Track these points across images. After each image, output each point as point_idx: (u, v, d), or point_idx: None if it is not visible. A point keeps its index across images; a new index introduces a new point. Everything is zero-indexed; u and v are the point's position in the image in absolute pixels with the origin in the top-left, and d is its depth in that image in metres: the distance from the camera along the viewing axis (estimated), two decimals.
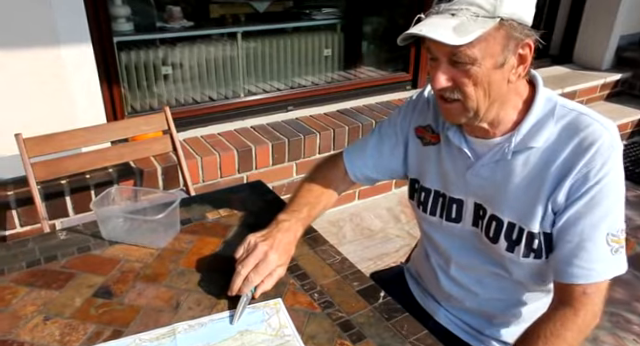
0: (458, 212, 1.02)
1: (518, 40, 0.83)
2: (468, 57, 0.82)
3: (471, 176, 0.98)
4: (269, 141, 2.32)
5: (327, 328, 0.89)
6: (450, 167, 1.02)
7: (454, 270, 1.07)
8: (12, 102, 1.76)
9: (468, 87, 0.86)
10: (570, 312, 0.86)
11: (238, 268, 0.95)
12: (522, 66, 0.86)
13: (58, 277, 1.02)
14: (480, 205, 0.98)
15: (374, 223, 2.50)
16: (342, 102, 2.87)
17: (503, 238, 0.94)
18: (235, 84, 2.82)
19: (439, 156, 1.04)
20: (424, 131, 1.07)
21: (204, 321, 0.91)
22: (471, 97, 0.87)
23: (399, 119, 1.13)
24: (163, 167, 2.03)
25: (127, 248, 1.12)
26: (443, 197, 1.04)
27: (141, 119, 1.80)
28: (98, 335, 0.87)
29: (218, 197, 1.35)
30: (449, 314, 1.10)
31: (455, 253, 1.05)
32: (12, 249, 1.11)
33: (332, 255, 1.10)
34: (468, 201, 1.00)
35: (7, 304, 0.94)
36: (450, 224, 1.04)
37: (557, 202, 0.87)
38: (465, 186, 0.99)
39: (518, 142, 0.90)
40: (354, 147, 1.19)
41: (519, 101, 0.91)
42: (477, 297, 1.04)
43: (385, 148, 1.14)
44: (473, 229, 1.00)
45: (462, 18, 0.80)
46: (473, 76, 0.84)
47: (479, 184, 0.97)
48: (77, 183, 1.88)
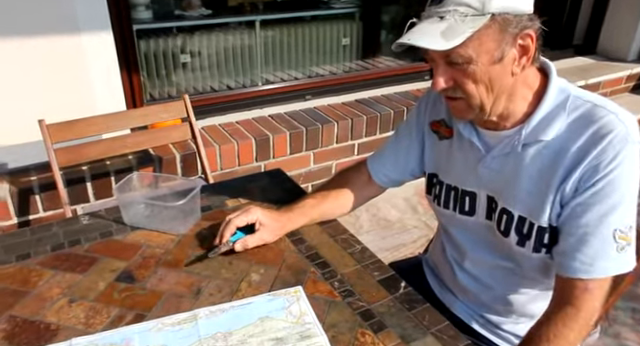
0: (471, 205, 1.01)
1: (515, 32, 0.81)
2: (462, 57, 0.82)
3: (482, 169, 0.96)
4: (287, 130, 2.31)
5: (348, 317, 0.89)
6: (462, 160, 1.01)
7: (469, 264, 1.06)
8: (34, 89, 1.78)
9: (468, 85, 0.85)
10: (572, 311, 0.84)
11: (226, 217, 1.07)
12: (525, 57, 0.84)
13: (82, 261, 1.03)
14: (492, 198, 0.97)
15: (391, 213, 2.49)
16: (360, 92, 2.85)
17: (514, 232, 0.92)
18: (253, 73, 2.81)
19: (452, 149, 1.03)
20: (439, 125, 1.06)
21: (225, 307, 0.92)
22: (473, 95, 0.86)
23: (414, 117, 1.13)
24: (182, 155, 2.04)
25: (148, 234, 1.13)
26: (455, 190, 1.03)
27: (160, 107, 1.81)
28: (121, 319, 0.88)
29: (238, 185, 1.35)
30: (466, 307, 1.10)
31: (469, 247, 1.04)
32: (37, 233, 1.12)
33: (352, 244, 1.09)
34: (481, 194, 0.99)
35: (34, 286, 0.95)
36: (463, 217, 1.03)
37: (565, 193, 0.85)
38: (477, 179, 0.98)
39: (528, 135, 0.89)
40: (376, 152, 1.22)
41: (529, 92, 0.89)
42: (492, 292, 1.03)
43: (402, 148, 1.15)
44: (487, 222, 0.99)
45: (450, 20, 0.80)
46: (471, 74, 0.84)
47: (490, 177, 0.96)
48: (97, 169, 1.90)
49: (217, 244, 1.04)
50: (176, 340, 0.84)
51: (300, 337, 0.85)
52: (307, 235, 1.12)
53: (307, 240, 1.10)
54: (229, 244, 1.03)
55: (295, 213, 1.11)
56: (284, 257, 1.04)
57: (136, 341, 0.84)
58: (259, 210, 1.07)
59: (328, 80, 2.85)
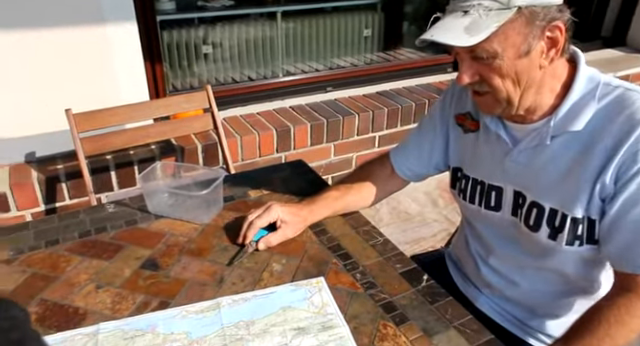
0: (497, 200, 0.99)
1: (543, 25, 0.79)
2: (487, 52, 0.80)
3: (509, 163, 0.95)
4: (308, 121, 2.31)
5: (370, 309, 0.89)
6: (488, 154, 0.99)
7: (494, 260, 1.04)
8: (60, 80, 1.81)
9: (494, 80, 0.84)
10: (636, 298, 0.82)
11: (247, 216, 1.06)
12: (554, 49, 0.82)
13: (108, 248, 1.05)
14: (520, 192, 0.95)
15: (411, 207, 2.48)
16: (381, 84, 2.83)
17: (545, 225, 0.91)
18: (274, 64, 2.81)
19: (478, 143, 1.02)
20: (464, 118, 1.05)
21: (248, 297, 0.92)
22: (500, 89, 0.85)
23: (438, 110, 1.12)
24: (203, 145, 2.06)
25: (172, 223, 1.14)
26: (482, 185, 1.02)
27: (182, 97, 1.82)
28: (146, 305, 0.90)
29: (260, 175, 1.36)
30: (491, 302, 1.08)
31: (495, 243, 1.03)
32: (65, 220, 1.15)
33: (374, 236, 1.09)
34: (507, 188, 0.97)
35: (62, 271, 0.98)
36: (489, 212, 1.01)
37: (605, 186, 0.83)
38: (503, 173, 0.97)
39: (556, 126, 0.87)
40: (398, 145, 1.21)
41: (557, 84, 0.87)
42: (518, 288, 1.02)
43: (425, 142, 1.14)
44: (512, 219, 0.98)
45: (474, 15, 0.79)
46: (497, 69, 0.82)
47: (518, 171, 0.94)
48: (121, 159, 1.92)
49: (240, 243, 1.05)
50: (199, 327, 0.85)
51: (322, 327, 0.85)
52: (329, 226, 1.12)
53: (329, 231, 1.10)
54: (252, 245, 1.04)
55: (317, 205, 1.11)
56: (306, 248, 1.05)
57: (161, 327, 0.86)
58: (279, 207, 1.06)
59: (349, 72, 2.83)
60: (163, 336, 0.84)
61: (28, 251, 1.03)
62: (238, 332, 0.84)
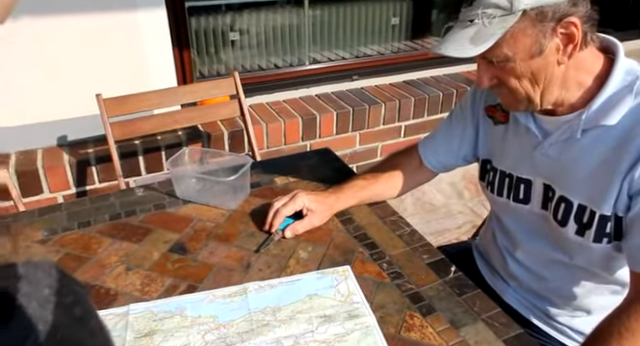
0: (526, 193, 0.97)
1: (553, 23, 0.77)
2: (498, 57, 0.81)
3: (539, 155, 0.93)
4: (333, 110, 2.30)
5: (396, 299, 0.88)
6: (518, 146, 0.97)
7: (521, 254, 1.03)
8: (92, 65, 1.84)
9: (511, 82, 0.84)
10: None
11: (273, 204, 1.07)
12: (571, 45, 0.80)
13: (137, 231, 1.07)
14: (549, 186, 0.93)
15: (436, 198, 2.45)
16: (408, 73, 2.79)
17: (573, 221, 0.88)
18: (301, 52, 2.79)
19: (507, 135, 1.00)
20: (494, 110, 1.04)
21: (274, 283, 0.93)
22: (517, 90, 0.85)
23: (469, 101, 1.10)
24: (229, 131, 2.07)
25: (199, 208, 1.15)
26: (510, 177, 1.00)
27: (210, 83, 1.83)
28: (175, 288, 0.91)
29: (286, 163, 1.36)
30: (518, 296, 1.07)
31: (522, 237, 1.01)
32: (96, 202, 1.17)
33: (401, 226, 1.08)
34: (536, 181, 0.95)
35: (94, 253, 1.00)
36: (518, 205, 0.99)
37: (633, 182, 0.80)
38: (533, 166, 0.95)
39: (588, 120, 0.84)
40: (427, 136, 1.20)
41: (587, 77, 0.84)
42: (546, 282, 1.00)
43: (455, 133, 1.13)
44: (542, 212, 0.95)
45: (478, 24, 0.79)
46: (511, 71, 0.83)
47: (547, 164, 0.92)
48: (149, 144, 1.95)
49: (267, 230, 1.06)
50: (227, 312, 0.86)
51: (348, 316, 0.85)
52: (356, 215, 1.11)
53: (356, 220, 1.10)
54: (279, 232, 1.04)
55: (344, 194, 1.11)
56: (332, 236, 1.05)
57: (189, 310, 0.87)
58: (305, 196, 1.07)
59: (376, 60, 2.80)
60: (191, 319, 0.85)
61: (61, 232, 1.06)
62: (265, 318, 0.85)
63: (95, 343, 0.27)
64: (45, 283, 0.26)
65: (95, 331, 0.27)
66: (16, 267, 0.26)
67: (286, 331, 0.82)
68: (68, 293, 0.26)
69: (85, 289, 0.28)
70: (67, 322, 0.25)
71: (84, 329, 0.27)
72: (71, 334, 0.25)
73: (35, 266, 0.26)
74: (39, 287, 0.25)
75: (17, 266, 0.26)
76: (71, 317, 0.26)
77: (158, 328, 0.83)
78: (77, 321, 0.26)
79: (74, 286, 0.27)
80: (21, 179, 1.73)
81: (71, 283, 0.27)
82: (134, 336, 0.81)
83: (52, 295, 0.25)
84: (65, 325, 0.25)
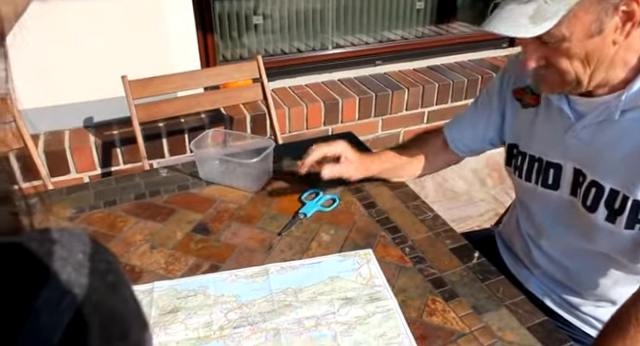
0: (555, 178, 0.95)
1: (617, 0, 0.73)
2: (555, 37, 0.76)
3: (570, 139, 0.90)
4: (356, 95, 2.28)
5: (418, 283, 0.88)
6: (548, 130, 0.95)
7: (546, 243, 1.01)
8: (117, 47, 1.85)
9: (562, 63, 0.79)
10: None
11: None
12: (629, 23, 0.75)
13: (161, 211, 1.08)
14: (579, 170, 0.90)
15: (458, 185, 2.42)
16: (432, 58, 2.74)
17: (603, 206, 0.86)
18: (324, 36, 2.77)
19: (537, 118, 0.97)
20: (523, 93, 1.00)
21: (295, 265, 0.93)
22: (568, 71, 0.80)
23: (496, 85, 1.08)
24: (252, 115, 2.07)
25: (222, 189, 1.16)
26: (539, 162, 0.97)
27: (233, 67, 1.83)
28: (198, 267, 0.93)
29: (309, 146, 1.35)
30: (542, 284, 1.05)
31: (548, 225, 0.99)
32: (121, 182, 1.19)
33: (424, 211, 1.07)
34: (567, 166, 0.93)
35: (119, 231, 1.02)
36: (546, 191, 0.97)
37: None
38: (564, 150, 0.92)
39: (628, 101, 0.81)
40: (453, 119, 1.18)
41: (632, 56, 0.80)
42: (570, 272, 0.98)
43: (481, 117, 1.10)
44: (570, 198, 0.93)
45: (539, 1, 0.74)
46: (565, 52, 0.78)
47: (579, 147, 0.89)
48: (172, 127, 1.96)
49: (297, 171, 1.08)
50: (249, 292, 0.87)
51: (370, 299, 0.85)
52: (378, 199, 1.11)
53: (378, 204, 1.09)
54: (300, 215, 1.05)
55: (379, 158, 1.14)
56: (354, 220, 1.04)
57: (211, 289, 0.88)
58: (345, 144, 1.08)
59: (400, 45, 2.75)
60: (214, 298, 0.86)
61: (88, 210, 1.08)
62: (286, 298, 0.86)
63: (128, 310, 0.27)
64: (79, 248, 0.26)
65: (127, 298, 0.28)
66: (50, 232, 0.26)
67: (307, 312, 0.82)
68: (101, 260, 0.26)
69: (117, 258, 0.28)
70: (101, 288, 0.25)
71: (117, 296, 0.27)
72: (105, 299, 0.25)
73: (69, 232, 0.27)
74: (73, 252, 0.25)
75: (51, 231, 0.26)
76: (105, 283, 0.26)
77: (182, 306, 0.84)
78: (110, 287, 0.26)
79: (106, 254, 0.28)
80: (49, 159, 1.77)
81: (103, 251, 0.27)
82: (159, 313, 0.83)
83: (86, 260, 0.25)
84: (99, 290, 0.25)
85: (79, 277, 0.24)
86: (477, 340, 0.77)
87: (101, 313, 0.25)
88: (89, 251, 0.26)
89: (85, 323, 0.24)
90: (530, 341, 0.76)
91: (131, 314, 0.27)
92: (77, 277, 0.24)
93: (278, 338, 0.78)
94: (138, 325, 0.28)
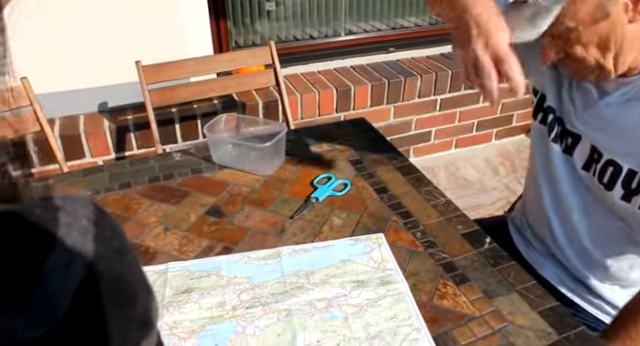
0: (572, 146, 0.94)
1: None
2: (560, 30, 0.76)
3: (591, 115, 0.88)
4: (368, 82, 2.27)
5: (429, 267, 0.88)
6: (572, 99, 0.93)
7: (563, 223, 0.99)
8: (130, 32, 1.86)
9: (577, 51, 0.80)
10: None
11: None
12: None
13: (175, 194, 1.09)
14: (595, 148, 0.89)
15: (470, 173, 2.41)
16: (446, 45, 2.71)
17: (620, 186, 0.85)
18: (336, 23, 2.75)
19: (565, 82, 0.94)
20: None
21: (308, 248, 0.94)
22: (585, 58, 0.80)
23: None
24: (264, 101, 2.07)
25: (235, 173, 1.17)
26: (562, 126, 0.95)
27: (246, 52, 1.83)
28: (211, 249, 0.94)
29: (321, 132, 1.35)
30: (556, 269, 1.05)
31: (567, 193, 0.96)
32: (136, 165, 1.20)
33: (436, 197, 1.07)
34: (584, 139, 0.91)
35: (134, 213, 1.03)
36: (565, 156, 0.95)
37: None
38: (583, 125, 0.90)
39: None
40: None
41: None
42: (585, 257, 0.97)
43: None
44: (583, 173, 0.92)
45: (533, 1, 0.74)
46: (576, 40, 0.78)
47: (599, 125, 0.88)
48: (185, 112, 1.98)
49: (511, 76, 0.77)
50: (261, 274, 0.88)
51: (381, 282, 0.85)
52: (390, 185, 1.11)
53: (390, 189, 1.09)
54: (312, 199, 1.05)
55: None
56: (366, 204, 1.05)
57: (224, 271, 0.89)
58: None
59: (413, 32, 2.73)
60: (227, 279, 0.87)
61: (104, 192, 1.10)
62: (298, 280, 0.87)
63: (133, 276, 0.27)
64: (83, 214, 0.26)
65: (132, 264, 0.28)
66: (53, 199, 0.26)
67: (319, 294, 0.83)
68: (105, 226, 0.26)
69: (121, 226, 0.28)
70: (107, 253, 0.25)
71: (123, 262, 0.27)
72: (112, 265, 0.25)
73: (73, 199, 0.26)
74: (77, 218, 0.25)
75: (54, 198, 0.26)
76: (110, 249, 0.26)
77: (195, 286, 0.86)
78: (116, 253, 0.26)
79: (110, 220, 0.27)
80: (65, 143, 1.79)
81: (107, 217, 0.27)
82: (173, 293, 0.84)
83: (91, 226, 0.25)
84: (105, 256, 0.25)
85: (85, 242, 0.24)
86: (487, 324, 0.77)
87: (108, 279, 0.25)
88: (93, 217, 0.26)
89: (94, 289, 0.24)
90: (541, 325, 0.76)
91: (137, 280, 0.27)
92: (83, 242, 0.24)
93: (290, 319, 0.79)
94: (144, 291, 0.28)
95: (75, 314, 0.23)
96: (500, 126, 2.63)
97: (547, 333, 0.75)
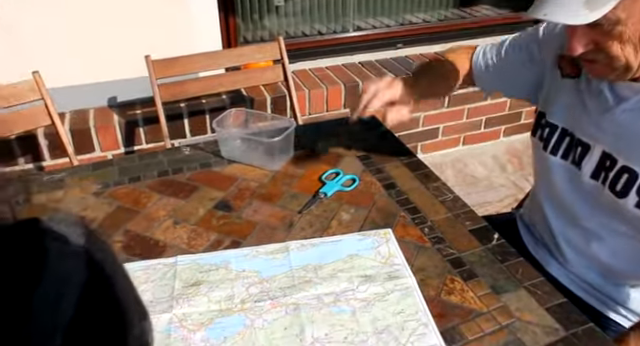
0: (581, 157, 0.92)
1: None
2: (609, 20, 0.71)
3: (607, 122, 0.87)
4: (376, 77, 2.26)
5: (437, 263, 0.89)
6: (585, 106, 0.91)
7: (567, 224, 0.99)
8: (139, 26, 1.87)
9: (613, 47, 0.75)
10: None
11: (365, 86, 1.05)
12: None
13: (184, 188, 1.10)
14: (609, 155, 0.88)
15: (478, 170, 2.41)
16: (455, 41, 2.70)
17: (635, 193, 0.84)
18: (345, 19, 2.74)
19: (576, 92, 0.93)
20: (566, 61, 0.95)
21: (315, 242, 0.95)
22: (618, 57, 0.75)
23: (540, 36, 1.02)
24: (272, 97, 2.08)
25: (243, 168, 1.17)
26: (571, 137, 0.94)
27: (255, 47, 1.83)
28: (219, 243, 0.94)
29: (330, 127, 1.36)
30: (563, 268, 1.04)
31: (570, 201, 0.96)
32: (145, 159, 1.21)
33: (444, 192, 1.07)
34: (596, 147, 0.90)
35: (144, 206, 1.04)
36: (571, 167, 0.94)
37: None
38: (597, 131, 0.89)
39: None
40: (482, 48, 1.15)
41: None
42: (594, 255, 0.97)
43: (513, 55, 1.06)
44: (591, 181, 0.91)
45: None
46: (618, 36, 0.73)
47: (615, 132, 0.86)
48: (194, 107, 1.99)
49: (354, 119, 1.07)
50: (269, 268, 0.89)
51: (388, 277, 0.86)
52: (398, 180, 1.11)
53: (398, 185, 1.09)
54: (320, 194, 1.06)
55: (419, 84, 1.09)
56: (374, 200, 1.05)
57: (233, 264, 0.90)
58: (395, 81, 1.03)
59: (421, 28, 2.72)
60: (235, 272, 0.88)
61: (113, 186, 1.11)
62: (306, 275, 0.87)
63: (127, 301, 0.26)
64: (73, 239, 0.25)
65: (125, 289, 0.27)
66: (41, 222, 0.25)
67: (327, 288, 0.84)
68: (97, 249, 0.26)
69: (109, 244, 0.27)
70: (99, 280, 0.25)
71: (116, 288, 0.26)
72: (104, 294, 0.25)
73: (61, 221, 0.26)
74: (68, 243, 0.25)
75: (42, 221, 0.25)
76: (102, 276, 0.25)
77: (204, 279, 0.86)
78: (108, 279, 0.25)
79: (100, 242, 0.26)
80: (75, 137, 1.81)
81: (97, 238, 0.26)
82: (182, 285, 0.85)
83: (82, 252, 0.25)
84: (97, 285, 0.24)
85: (77, 271, 0.23)
86: (495, 319, 0.77)
87: (101, 309, 0.24)
88: (83, 241, 0.25)
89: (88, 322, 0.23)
90: (548, 322, 0.76)
91: (130, 306, 0.27)
92: (76, 270, 0.23)
93: (298, 312, 0.80)
94: (138, 315, 0.27)
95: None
96: (508, 123, 2.61)
97: (554, 329, 0.75)
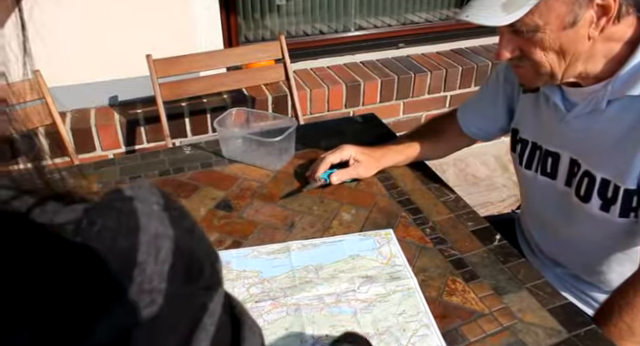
0: (553, 166, 0.94)
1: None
2: (528, 26, 0.75)
3: (565, 128, 0.89)
4: (378, 77, 2.26)
5: (439, 263, 0.88)
6: (546, 117, 0.94)
7: (549, 232, 1.01)
8: (140, 25, 1.87)
9: (536, 54, 0.78)
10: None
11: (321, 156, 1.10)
12: (604, 18, 0.74)
13: (185, 187, 1.10)
14: (575, 161, 0.89)
15: (479, 170, 2.40)
16: (457, 41, 2.70)
17: (596, 196, 0.85)
18: (346, 18, 2.74)
19: (537, 105, 0.96)
20: None
21: (317, 242, 0.94)
22: (542, 63, 0.79)
23: (503, 68, 1.06)
24: (274, 96, 2.07)
25: (245, 167, 1.17)
26: (540, 149, 0.97)
27: (257, 47, 1.83)
28: (221, 243, 0.94)
29: (331, 127, 1.35)
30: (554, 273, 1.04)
31: (547, 215, 0.99)
32: (146, 158, 1.21)
33: (446, 193, 1.07)
34: (564, 155, 0.92)
35: None
36: (545, 179, 0.96)
37: None
38: (560, 139, 0.91)
39: (614, 90, 0.79)
40: (465, 103, 1.18)
41: (616, 46, 0.78)
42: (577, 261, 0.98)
43: (488, 99, 1.10)
44: (565, 189, 0.92)
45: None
46: (539, 42, 0.77)
47: (573, 137, 0.88)
48: (195, 106, 1.98)
49: (309, 177, 1.09)
50: (270, 268, 0.89)
51: (390, 277, 0.86)
52: (400, 181, 1.11)
53: (400, 185, 1.09)
54: (321, 180, 1.06)
55: (391, 150, 1.12)
56: (376, 200, 1.05)
57: (234, 264, 0.90)
58: (353, 147, 1.10)
59: (423, 28, 2.71)
60: (236, 272, 0.88)
61: (114, 185, 1.11)
62: (307, 275, 0.87)
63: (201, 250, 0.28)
64: (153, 200, 0.26)
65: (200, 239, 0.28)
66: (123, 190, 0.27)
67: (328, 289, 0.84)
68: (174, 208, 0.27)
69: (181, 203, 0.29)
70: (180, 235, 0.26)
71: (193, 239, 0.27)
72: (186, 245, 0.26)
73: (140, 187, 0.27)
74: (150, 205, 0.26)
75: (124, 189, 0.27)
76: (182, 230, 0.26)
77: None
78: (187, 233, 0.27)
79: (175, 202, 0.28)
80: (76, 136, 1.80)
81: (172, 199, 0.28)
82: None
83: (162, 211, 0.26)
84: (181, 237, 0.26)
85: (165, 229, 0.25)
86: (497, 320, 0.77)
87: (185, 258, 0.26)
88: (162, 202, 0.27)
89: (179, 271, 0.25)
90: (551, 323, 0.76)
91: (205, 252, 0.28)
92: (164, 229, 0.25)
93: (299, 313, 0.79)
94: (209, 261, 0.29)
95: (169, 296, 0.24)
96: None
97: (557, 331, 0.75)
